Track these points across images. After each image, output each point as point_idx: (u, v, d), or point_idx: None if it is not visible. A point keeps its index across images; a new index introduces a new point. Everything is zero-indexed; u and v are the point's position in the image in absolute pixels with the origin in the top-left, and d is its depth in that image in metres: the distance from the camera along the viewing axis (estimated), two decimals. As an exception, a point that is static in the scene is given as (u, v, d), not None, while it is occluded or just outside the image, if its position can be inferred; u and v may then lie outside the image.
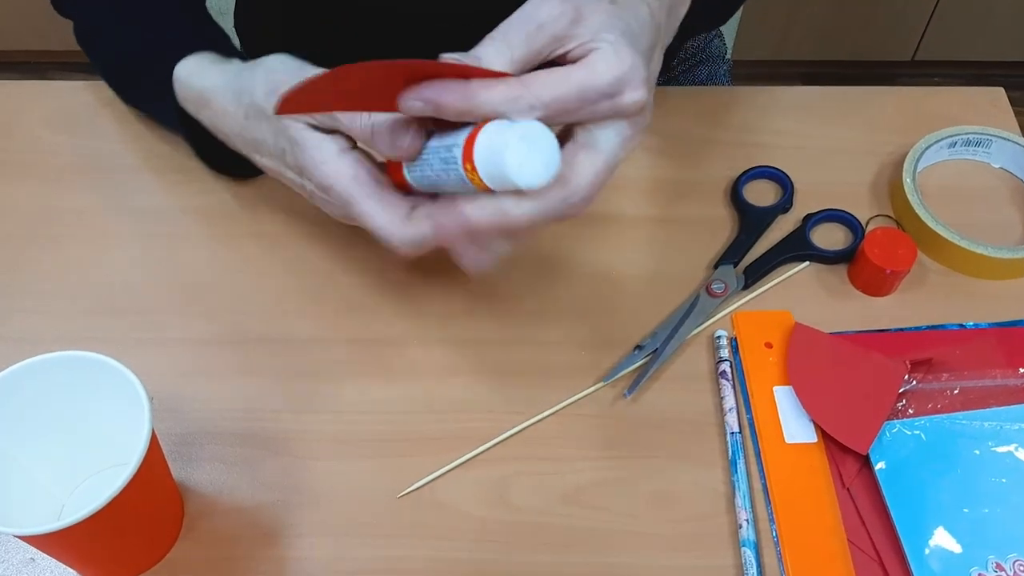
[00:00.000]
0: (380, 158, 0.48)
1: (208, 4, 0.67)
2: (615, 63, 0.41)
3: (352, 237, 0.63)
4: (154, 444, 0.46)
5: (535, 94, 0.40)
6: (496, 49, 0.42)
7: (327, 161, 0.48)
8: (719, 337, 0.58)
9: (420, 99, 0.41)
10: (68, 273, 0.62)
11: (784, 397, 0.55)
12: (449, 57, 0.42)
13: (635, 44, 0.42)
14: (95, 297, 0.60)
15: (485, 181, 0.41)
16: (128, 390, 0.46)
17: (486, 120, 0.41)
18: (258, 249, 0.63)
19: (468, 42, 0.43)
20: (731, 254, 0.61)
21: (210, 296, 0.61)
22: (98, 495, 0.43)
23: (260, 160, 0.54)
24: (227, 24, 0.85)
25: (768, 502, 0.52)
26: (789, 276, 0.61)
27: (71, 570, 0.50)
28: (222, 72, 0.55)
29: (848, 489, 0.52)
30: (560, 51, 0.42)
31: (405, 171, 0.47)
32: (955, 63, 1.80)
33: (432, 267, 0.61)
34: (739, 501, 0.52)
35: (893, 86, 0.71)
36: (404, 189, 0.48)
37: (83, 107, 0.70)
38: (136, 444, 0.44)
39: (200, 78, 0.56)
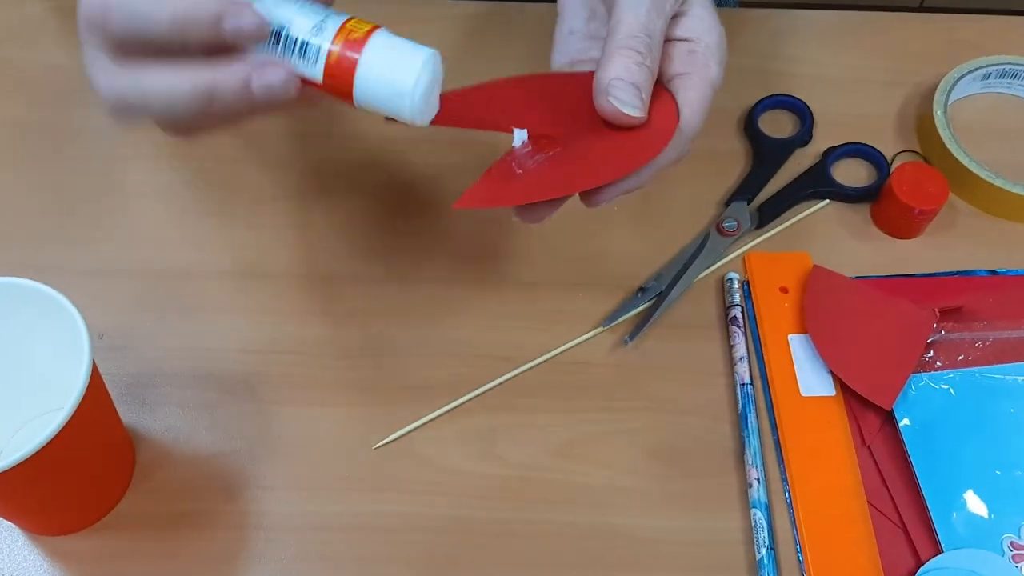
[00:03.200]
0: None
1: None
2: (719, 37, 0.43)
3: (327, 163, 0.58)
4: (97, 381, 0.42)
5: (692, 132, 0.42)
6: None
7: None
8: (730, 280, 0.53)
9: (618, 193, 0.42)
10: (6, 195, 0.56)
11: (800, 346, 0.51)
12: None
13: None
14: (32, 222, 0.55)
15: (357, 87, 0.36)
16: (66, 322, 0.41)
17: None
18: (221, 173, 0.58)
19: None
20: (744, 190, 0.57)
21: (166, 224, 0.55)
22: (36, 439, 0.38)
23: None
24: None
25: (781, 460, 0.48)
26: (807, 215, 0.57)
27: (9, 524, 0.46)
28: None
29: (869, 447, 0.48)
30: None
31: None
32: (963, 10, 1.75)
33: (412, 199, 0.57)
34: (749, 459, 0.48)
35: (922, 12, 0.66)
36: None
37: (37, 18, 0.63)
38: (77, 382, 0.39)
39: None
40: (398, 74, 0.36)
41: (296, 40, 0.36)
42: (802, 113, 0.60)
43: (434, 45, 0.37)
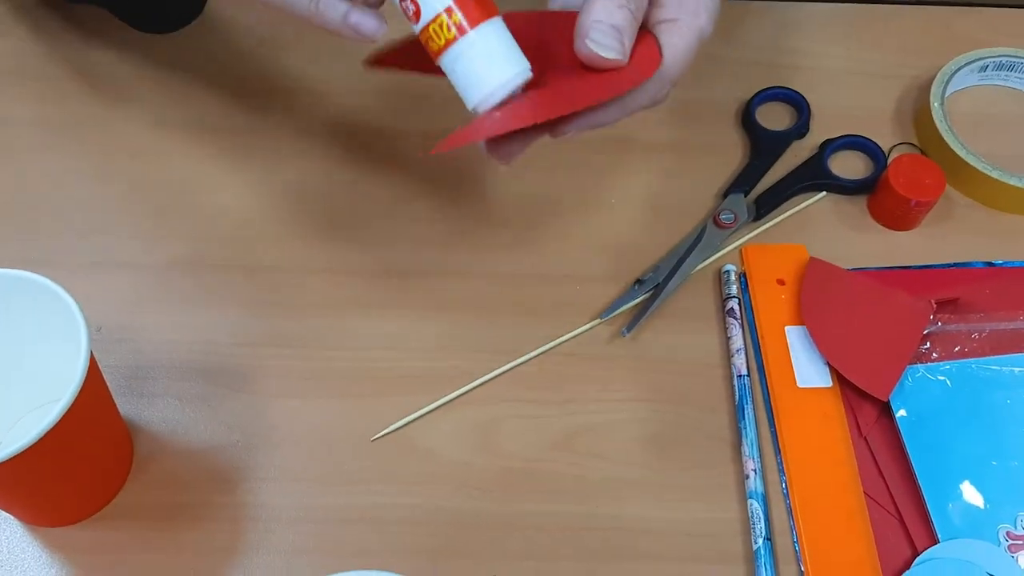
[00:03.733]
0: None
1: None
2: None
3: (327, 157, 0.57)
4: (95, 373, 0.42)
5: (672, 76, 0.41)
6: None
7: None
8: (727, 272, 0.53)
9: (585, 126, 0.41)
10: (2, 189, 0.56)
11: (797, 338, 0.51)
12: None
13: None
14: (33, 215, 0.55)
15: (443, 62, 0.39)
16: (65, 314, 0.41)
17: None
18: (221, 166, 0.57)
19: None
20: (741, 182, 0.56)
21: (166, 216, 0.55)
22: (34, 430, 0.38)
23: None
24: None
25: (778, 451, 0.48)
26: (804, 207, 0.57)
27: (7, 515, 0.46)
28: None
29: (865, 438, 0.48)
30: None
31: None
32: (960, 3, 1.74)
33: (411, 189, 0.56)
34: (746, 450, 0.48)
35: (919, 5, 0.66)
36: None
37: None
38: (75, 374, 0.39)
39: None
40: (490, 72, 0.38)
41: None
42: (799, 105, 0.60)
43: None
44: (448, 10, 0.37)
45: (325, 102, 0.60)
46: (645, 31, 0.41)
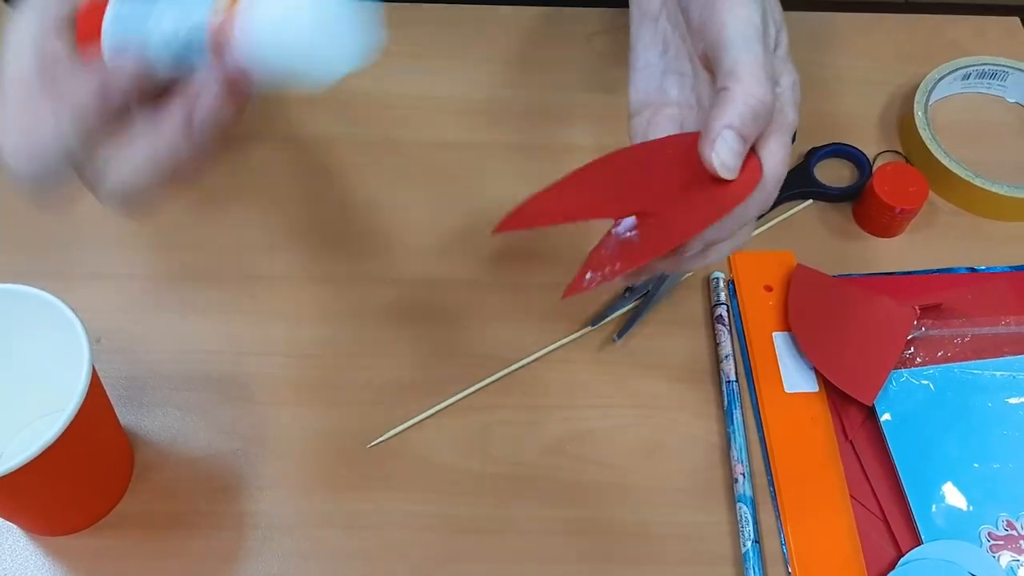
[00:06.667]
0: None
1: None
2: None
3: (318, 168, 0.58)
4: (96, 385, 0.42)
5: (776, 183, 0.40)
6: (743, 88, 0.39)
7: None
8: (715, 279, 0.54)
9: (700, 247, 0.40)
10: (1, 203, 0.56)
11: (784, 343, 0.52)
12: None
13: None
14: (33, 228, 0.56)
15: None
16: (65, 327, 0.41)
17: None
18: (215, 177, 0.58)
19: None
20: (729, 190, 0.57)
21: (163, 228, 0.56)
22: (37, 442, 0.39)
23: None
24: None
25: (766, 455, 0.49)
26: (791, 215, 0.57)
27: (10, 524, 0.47)
28: None
29: (851, 442, 0.49)
30: None
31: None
32: (949, 5, 1.75)
33: (405, 198, 0.57)
34: (735, 454, 0.48)
35: (903, 13, 0.67)
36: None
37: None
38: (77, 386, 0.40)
39: None
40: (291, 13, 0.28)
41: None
42: (786, 114, 0.61)
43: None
44: None
45: (319, 111, 0.61)
46: None
